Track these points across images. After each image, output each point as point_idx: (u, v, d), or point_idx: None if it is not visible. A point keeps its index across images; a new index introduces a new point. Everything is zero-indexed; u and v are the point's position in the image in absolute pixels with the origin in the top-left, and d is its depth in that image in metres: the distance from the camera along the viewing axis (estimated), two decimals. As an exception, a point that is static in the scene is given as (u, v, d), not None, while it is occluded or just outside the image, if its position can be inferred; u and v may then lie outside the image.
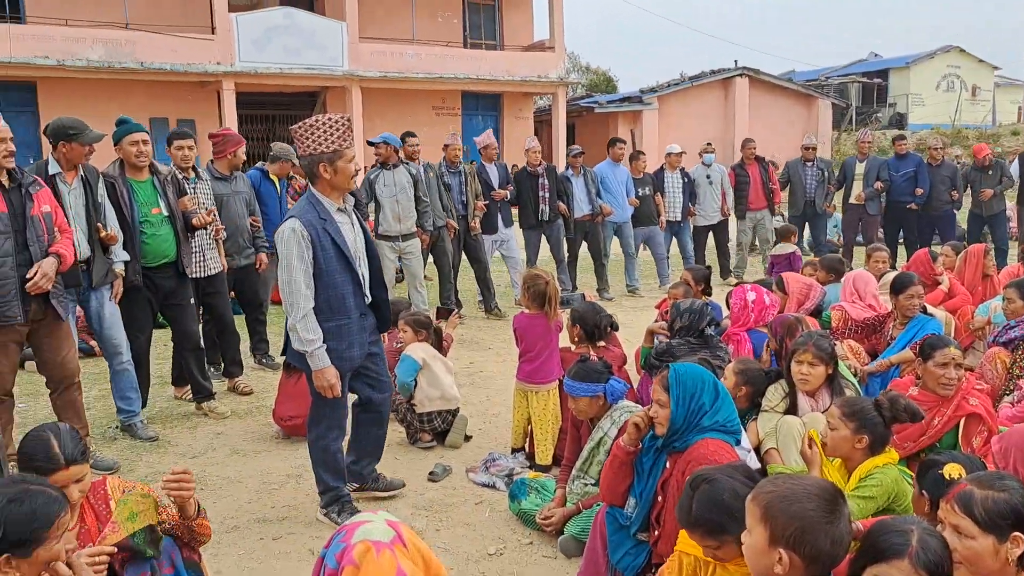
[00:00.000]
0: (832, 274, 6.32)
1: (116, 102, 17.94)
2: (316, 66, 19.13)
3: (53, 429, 2.62)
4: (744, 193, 10.52)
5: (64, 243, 4.35)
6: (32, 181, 4.26)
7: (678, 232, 10.41)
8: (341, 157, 3.56)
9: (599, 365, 3.67)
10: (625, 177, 9.85)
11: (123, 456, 4.81)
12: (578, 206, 9.45)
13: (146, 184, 5.21)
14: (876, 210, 10.66)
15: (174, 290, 5.38)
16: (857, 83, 33.66)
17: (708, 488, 2.27)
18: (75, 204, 4.75)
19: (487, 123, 23.28)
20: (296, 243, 3.50)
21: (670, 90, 24.94)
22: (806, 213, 10.73)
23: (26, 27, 16.84)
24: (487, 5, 22.98)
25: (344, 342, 3.68)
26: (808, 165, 10.66)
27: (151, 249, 5.19)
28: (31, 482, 2.19)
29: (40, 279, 4.12)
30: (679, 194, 10.23)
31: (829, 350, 3.76)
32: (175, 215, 5.28)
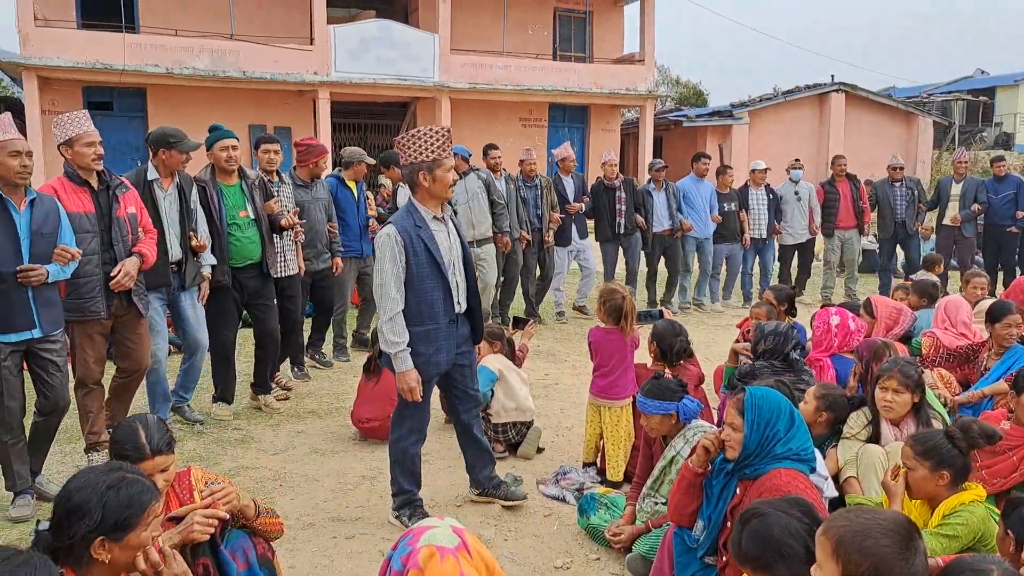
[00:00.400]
0: (925, 299, 6.08)
1: (218, 109, 18.76)
2: (408, 77, 19.53)
3: (141, 420, 2.76)
4: (833, 211, 10.20)
5: (147, 243, 4.59)
6: (119, 184, 4.48)
7: (761, 250, 10.18)
8: (440, 166, 3.68)
9: (673, 383, 3.64)
10: (709, 192, 9.72)
11: (208, 450, 5.02)
12: (658, 220, 9.40)
13: (234, 188, 5.46)
14: (972, 233, 10.24)
15: (258, 289, 5.62)
16: (961, 101, 32.26)
17: (758, 523, 2.21)
18: (170, 209, 5.02)
19: (573, 135, 23.28)
20: (390, 248, 3.64)
21: (762, 104, 24.41)
22: (897, 235, 10.34)
23: (140, 36, 17.76)
24: (578, 18, 23.03)
25: (431, 347, 3.77)
26: (896, 185, 10.27)
27: (238, 250, 5.44)
28: (127, 470, 2.29)
29: (123, 277, 4.35)
30: (764, 211, 10.00)
31: (916, 377, 3.63)
32: (261, 218, 5.53)
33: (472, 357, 4.10)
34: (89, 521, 2.07)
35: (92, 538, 2.09)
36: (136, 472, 2.31)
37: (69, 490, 2.13)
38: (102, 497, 2.11)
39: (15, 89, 22.95)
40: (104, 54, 16.95)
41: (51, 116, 17.37)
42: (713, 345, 7.79)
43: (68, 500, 2.11)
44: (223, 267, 5.34)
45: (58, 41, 16.82)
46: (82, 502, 2.09)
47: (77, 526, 2.07)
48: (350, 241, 7.00)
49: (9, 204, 3.84)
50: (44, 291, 3.93)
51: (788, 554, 2.09)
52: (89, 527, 2.08)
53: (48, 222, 3.96)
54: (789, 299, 5.94)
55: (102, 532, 2.09)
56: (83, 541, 2.08)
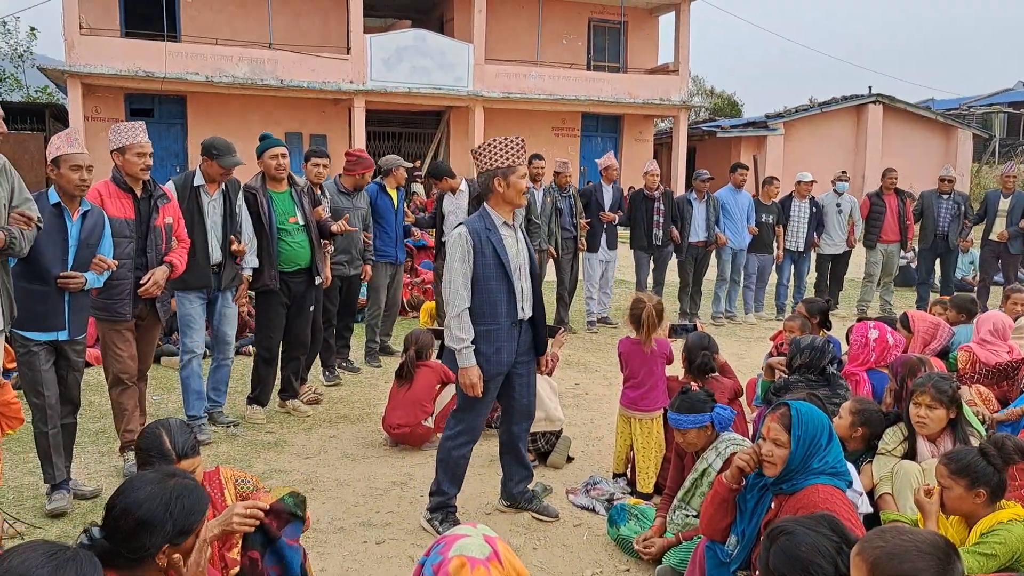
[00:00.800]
0: (963, 314, 5.97)
1: (256, 116, 19.06)
2: (442, 86, 19.67)
3: (164, 425, 2.79)
4: (878, 224, 10.07)
5: (179, 253, 4.74)
6: (162, 194, 4.66)
7: (797, 261, 10.07)
8: (514, 172, 3.79)
9: (700, 394, 3.62)
10: (747, 204, 9.66)
11: (242, 453, 5.08)
12: (695, 231, 9.38)
13: (284, 195, 5.62)
14: (1018, 249, 9.99)
15: (303, 294, 5.76)
16: (1003, 113, 31.72)
17: (786, 541, 2.18)
18: (213, 214, 5.19)
19: (606, 145, 23.26)
20: (460, 247, 3.75)
21: (797, 116, 24.20)
22: (936, 247, 10.18)
23: (181, 45, 18.11)
24: (612, 28, 23.03)
25: (492, 346, 3.84)
26: (944, 197, 10.10)
27: (288, 255, 5.59)
28: (181, 475, 2.30)
29: (151, 286, 4.51)
30: (804, 224, 9.90)
31: (950, 393, 3.57)
32: (310, 224, 5.68)
33: (531, 368, 4.11)
34: (162, 534, 2.10)
35: (161, 548, 2.12)
36: (189, 477, 2.32)
37: (133, 502, 2.12)
38: (169, 508, 2.13)
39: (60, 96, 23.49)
40: (146, 62, 17.31)
41: (94, 122, 17.81)
42: (745, 357, 7.72)
43: (134, 513, 2.10)
44: (272, 271, 5.51)
45: (102, 49, 17.21)
46: (151, 515, 2.10)
47: (150, 540, 2.09)
48: (386, 247, 7.20)
49: (65, 212, 4.05)
50: (79, 297, 4.11)
51: (816, 573, 2.07)
52: (162, 538, 2.11)
53: (95, 234, 4.15)
54: (822, 312, 5.87)
55: (169, 540, 2.13)
56: (152, 551, 2.11)
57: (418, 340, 5.41)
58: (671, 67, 22.59)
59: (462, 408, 3.97)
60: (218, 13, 19.31)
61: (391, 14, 22.42)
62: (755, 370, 6.00)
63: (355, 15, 18.90)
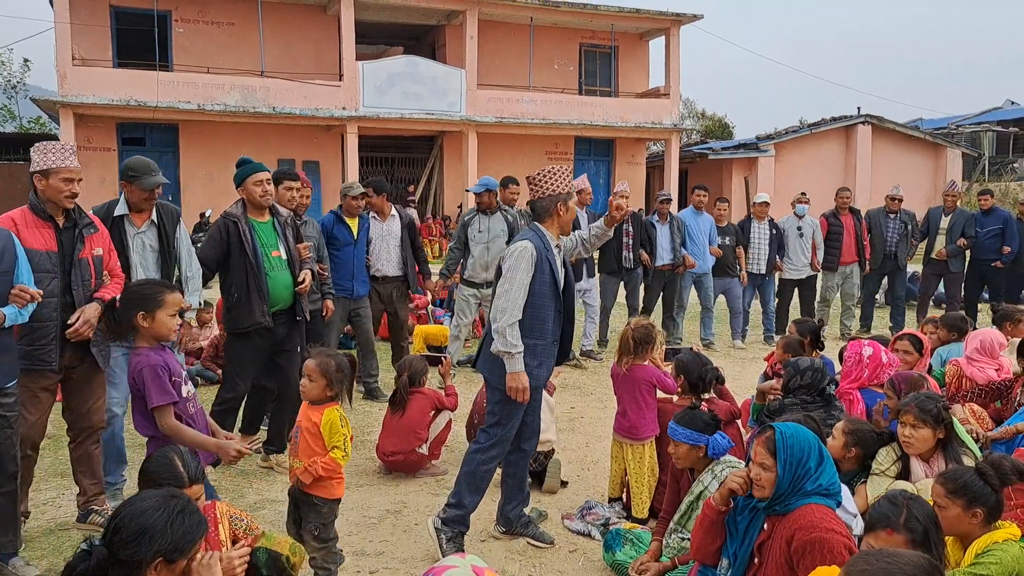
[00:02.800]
0: (954, 332, 5.98)
1: (248, 143, 19.12)
2: (435, 111, 19.79)
3: (175, 451, 2.85)
4: (837, 245, 9.98)
5: (113, 287, 4.11)
6: (88, 223, 4.09)
7: (761, 286, 9.82)
8: (571, 199, 4.05)
9: (707, 416, 3.61)
10: (708, 226, 9.44)
11: (234, 483, 5.03)
12: (660, 254, 9.13)
13: (267, 225, 5.08)
14: (959, 267, 10.10)
15: (286, 337, 5.18)
16: (991, 132, 31.98)
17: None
18: (141, 249, 4.56)
19: (599, 168, 23.40)
20: (526, 259, 3.86)
21: (788, 137, 24.39)
22: (885, 266, 10.16)
23: (173, 74, 18.21)
24: (603, 53, 23.24)
25: (536, 360, 3.94)
26: (891, 217, 10.11)
27: (269, 293, 4.99)
28: (184, 498, 2.35)
29: (81, 325, 3.88)
30: (765, 246, 9.67)
31: (935, 412, 3.55)
32: (293, 259, 5.16)
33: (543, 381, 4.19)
34: (161, 543, 2.16)
35: (155, 559, 2.17)
36: (192, 502, 2.38)
37: (138, 509, 2.19)
38: (170, 522, 2.19)
39: (53, 126, 23.56)
40: (138, 91, 17.39)
41: (86, 152, 17.85)
42: (739, 378, 7.71)
43: (137, 519, 2.17)
44: (263, 307, 4.91)
45: (94, 79, 17.30)
46: (152, 524, 2.17)
47: (146, 547, 2.16)
48: (341, 280, 6.59)
49: None
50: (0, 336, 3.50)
51: None
52: (158, 549, 2.16)
53: (5, 259, 3.51)
54: (813, 332, 5.87)
55: (164, 554, 2.18)
56: (145, 561, 2.16)
57: (411, 366, 5.38)
58: (662, 91, 22.79)
59: (497, 423, 3.99)
60: (210, 42, 19.44)
61: (383, 41, 22.61)
62: (750, 391, 5.99)
63: (347, 42, 19.05)
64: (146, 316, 3.25)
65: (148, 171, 4.51)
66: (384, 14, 20.38)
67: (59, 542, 4.11)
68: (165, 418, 3.24)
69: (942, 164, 25.60)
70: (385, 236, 7.16)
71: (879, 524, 2.54)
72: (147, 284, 3.32)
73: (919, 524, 2.50)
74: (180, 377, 3.34)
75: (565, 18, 21.61)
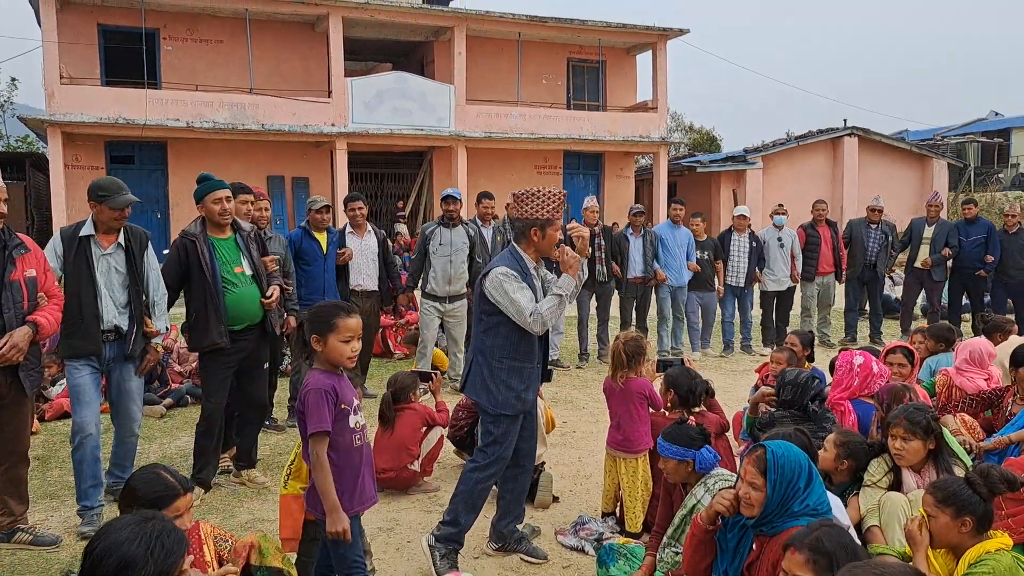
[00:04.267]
0: (941, 343, 6.01)
1: (237, 161, 19.09)
2: (424, 127, 19.83)
3: (157, 466, 2.86)
4: (814, 255, 10.10)
5: (49, 311, 4.02)
6: (17, 244, 3.99)
7: (740, 297, 9.87)
8: (551, 226, 3.93)
9: (695, 430, 3.61)
10: (686, 240, 9.44)
11: (224, 502, 5.00)
12: (633, 267, 9.14)
13: (228, 242, 5.00)
14: (941, 276, 10.28)
15: (255, 352, 5.14)
16: (976, 143, 32.28)
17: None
18: (107, 270, 4.46)
19: (588, 182, 23.47)
20: (511, 280, 3.81)
21: (775, 149, 24.53)
22: (864, 276, 10.32)
23: (161, 92, 18.17)
24: (591, 68, 23.36)
25: (523, 383, 3.93)
26: (872, 227, 10.30)
27: (234, 311, 4.93)
28: (162, 518, 2.30)
29: (8, 350, 3.77)
30: (744, 258, 9.73)
31: (924, 423, 3.56)
32: (260, 274, 5.07)
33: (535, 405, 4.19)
34: (144, 573, 2.10)
35: None
36: (167, 520, 2.33)
37: (114, 543, 2.12)
38: (150, 549, 2.14)
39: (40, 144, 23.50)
40: (127, 110, 17.35)
41: (75, 171, 17.79)
42: (730, 390, 7.71)
43: (115, 554, 2.10)
44: (220, 328, 4.84)
45: (82, 98, 17.25)
46: (133, 556, 2.10)
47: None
48: (311, 295, 6.54)
49: None
50: None
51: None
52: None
53: None
54: (811, 344, 5.90)
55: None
56: None
57: (396, 382, 5.35)
58: (650, 104, 22.91)
59: (494, 441, 3.97)
60: (199, 60, 19.43)
61: (372, 57, 22.65)
62: (741, 403, 6.00)
63: (336, 59, 19.08)
64: (319, 339, 3.13)
65: (118, 190, 4.44)
66: (372, 31, 20.44)
67: (47, 564, 4.07)
68: (317, 446, 3.04)
69: (928, 175, 25.80)
70: (365, 251, 7.25)
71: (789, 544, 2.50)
72: (324, 307, 3.22)
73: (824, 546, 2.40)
74: (350, 406, 3.15)
75: (552, 33, 21.72)
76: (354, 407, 3.16)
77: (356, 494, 3.14)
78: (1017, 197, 25.20)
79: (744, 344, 10.10)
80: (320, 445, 3.03)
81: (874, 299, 10.55)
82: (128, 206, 4.46)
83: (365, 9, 19.22)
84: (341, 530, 3.00)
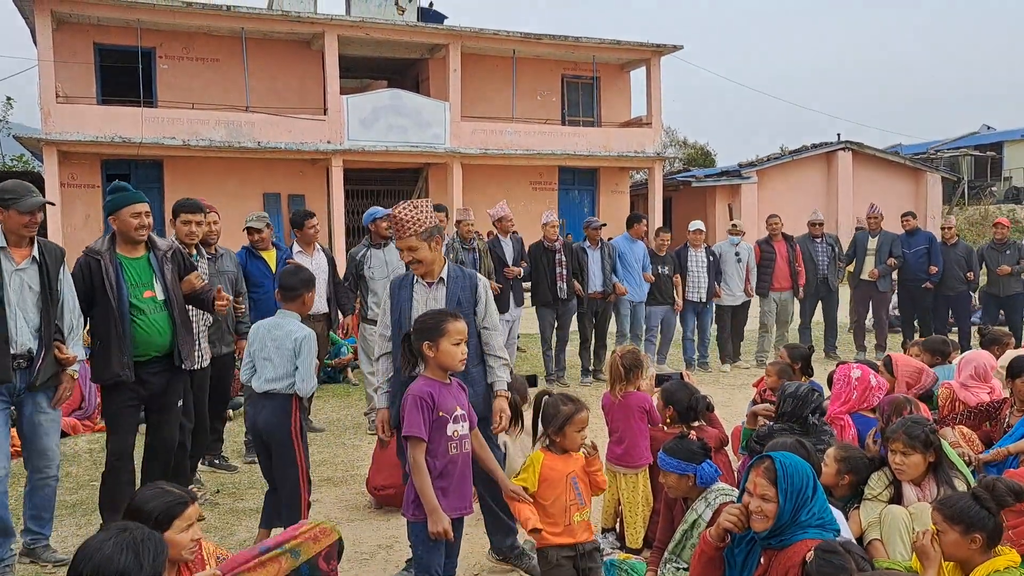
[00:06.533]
0: (937, 356, 6.02)
1: (234, 178, 19.13)
2: (420, 144, 19.89)
3: (156, 484, 2.89)
4: (769, 271, 9.98)
5: None
6: None
7: (700, 313, 9.74)
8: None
9: (696, 445, 3.60)
10: (642, 253, 9.32)
11: (223, 521, 4.97)
12: (592, 281, 8.93)
13: (140, 262, 4.43)
14: (886, 287, 10.35)
15: (163, 388, 4.52)
16: (969, 156, 32.47)
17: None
18: (19, 287, 3.98)
19: (583, 197, 23.54)
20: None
21: (769, 164, 24.66)
22: (819, 291, 10.25)
23: (157, 110, 18.22)
24: (585, 84, 23.48)
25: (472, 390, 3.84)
26: (817, 241, 10.27)
27: (141, 340, 4.35)
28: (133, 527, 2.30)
29: None
30: (703, 273, 9.58)
31: (923, 437, 3.55)
32: (173, 298, 4.47)
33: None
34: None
35: None
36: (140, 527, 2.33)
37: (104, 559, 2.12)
38: (139, 556, 2.15)
39: (36, 163, 23.49)
40: (123, 128, 17.39)
41: (71, 189, 17.80)
42: (729, 404, 7.70)
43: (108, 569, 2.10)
44: (123, 359, 4.27)
45: (78, 117, 17.29)
46: (128, 567, 2.12)
47: None
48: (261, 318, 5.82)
49: None
50: None
51: None
52: None
53: None
54: (804, 358, 5.88)
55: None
56: None
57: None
58: (644, 120, 23.02)
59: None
60: (195, 78, 19.49)
61: (367, 75, 22.75)
62: (739, 417, 5.99)
63: (331, 76, 19.17)
64: (431, 346, 3.28)
65: (25, 192, 3.99)
66: (368, 48, 20.53)
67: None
68: (413, 450, 3.19)
69: (922, 188, 25.93)
70: (316, 271, 6.45)
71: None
72: (432, 314, 3.38)
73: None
74: (449, 414, 3.26)
75: (547, 50, 21.85)
76: (454, 416, 3.26)
77: (450, 499, 3.23)
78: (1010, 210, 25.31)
79: (701, 361, 9.90)
80: (416, 449, 3.17)
81: (829, 315, 10.44)
82: (39, 209, 4.03)
83: (360, 27, 19.33)
84: (442, 530, 3.10)
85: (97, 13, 17.78)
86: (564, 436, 3.55)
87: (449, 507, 3.21)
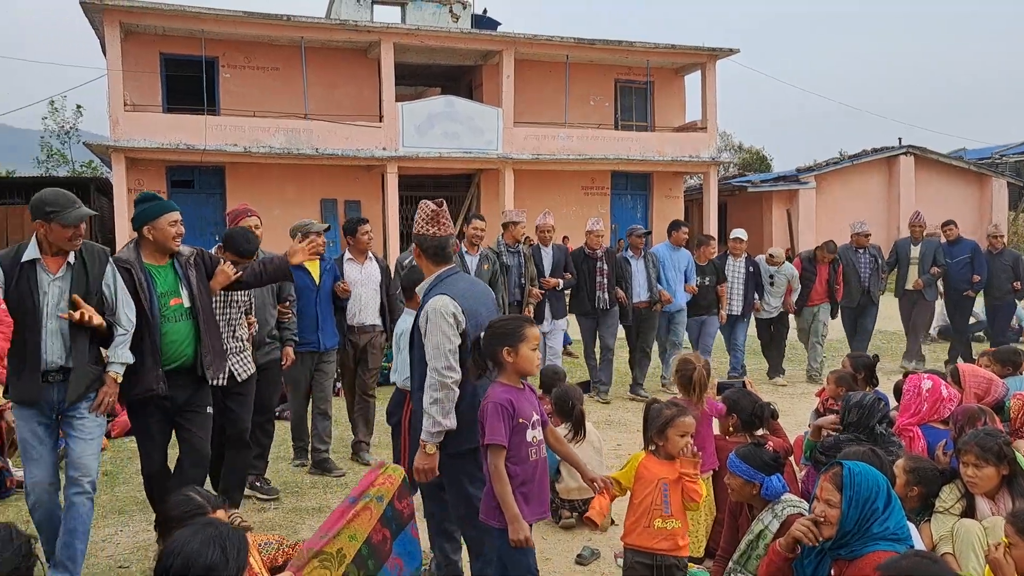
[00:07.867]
0: (1009, 366, 5.84)
1: (292, 184, 19.53)
2: (473, 150, 20.05)
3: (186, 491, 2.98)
4: (808, 287, 9.60)
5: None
6: None
7: (734, 324, 9.37)
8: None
9: (769, 456, 3.57)
10: (686, 262, 9.00)
11: (287, 519, 5.08)
12: (637, 291, 8.60)
13: (166, 269, 4.25)
14: (933, 296, 10.07)
15: (189, 398, 4.30)
16: (1036, 161, 31.42)
17: None
18: (55, 296, 3.78)
19: (636, 202, 23.43)
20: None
21: (828, 169, 24.22)
22: (860, 303, 9.78)
23: (220, 118, 18.72)
24: (639, 88, 23.38)
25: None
26: (860, 252, 9.81)
27: (166, 349, 4.17)
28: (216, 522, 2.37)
29: None
30: (740, 284, 9.24)
31: (996, 449, 3.46)
32: (198, 307, 4.26)
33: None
34: (228, 572, 2.17)
35: None
36: (223, 523, 2.42)
37: (192, 553, 2.17)
38: (225, 550, 2.20)
39: (104, 169, 24.29)
40: (187, 135, 17.90)
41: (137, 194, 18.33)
42: (790, 413, 7.58)
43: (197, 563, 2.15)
44: (157, 372, 4.07)
45: (145, 124, 17.85)
46: (215, 561, 2.16)
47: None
48: (303, 332, 5.79)
49: None
50: None
51: None
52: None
53: None
54: (867, 367, 5.77)
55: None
56: None
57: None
58: (699, 124, 22.82)
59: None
60: (256, 87, 19.96)
61: (422, 82, 23.03)
62: (801, 427, 5.91)
63: (387, 84, 19.45)
64: (510, 351, 3.25)
65: (70, 204, 3.76)
66: (423, 56, 20.77)
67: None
68: (494, 458, 3.18)
69: (987, 194, 25.19)
70: (365, 281, 6.34)
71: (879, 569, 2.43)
72: (509, 319, 3.38)
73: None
74: (528, 420, 3.25)
75: (600, 55, 21.82)
76: (532, 422, 3.27)
77: (531, 506, 3.25)
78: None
79: (731, 374, 9.40)
80: (497, 457, 3.17)
81: (864, 327, 10.03)
82: (83, 221, 3.79)
83: (416, 35, 19.57)
84: (523, 538, 3.10)
85: (163, 24, 18.35)
86: (666, 440, 3.53)
87: (531, 513, 3.23)
